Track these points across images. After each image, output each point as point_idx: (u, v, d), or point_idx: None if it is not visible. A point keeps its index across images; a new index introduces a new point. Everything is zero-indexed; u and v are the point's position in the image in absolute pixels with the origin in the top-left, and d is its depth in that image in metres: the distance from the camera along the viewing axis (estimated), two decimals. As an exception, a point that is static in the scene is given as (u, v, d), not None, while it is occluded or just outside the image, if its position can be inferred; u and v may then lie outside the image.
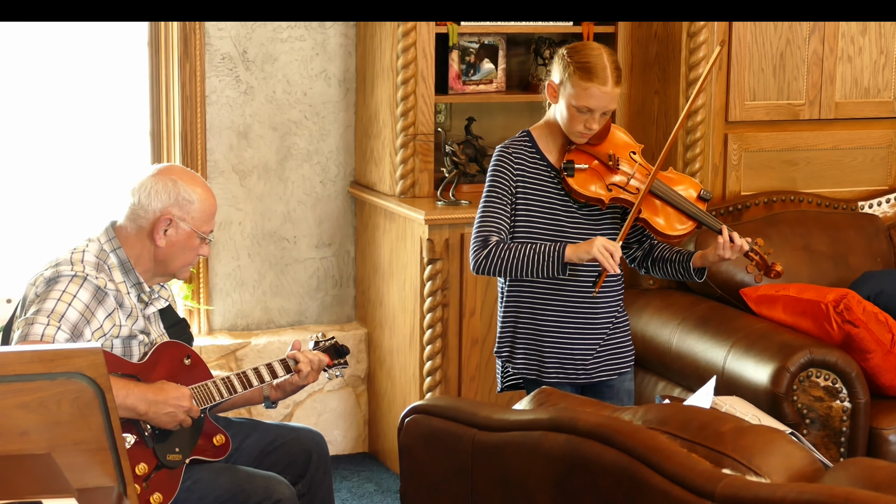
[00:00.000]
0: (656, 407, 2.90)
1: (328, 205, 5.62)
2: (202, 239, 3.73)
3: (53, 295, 3.54)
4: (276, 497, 3.68)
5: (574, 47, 3.92)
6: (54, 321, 3.49)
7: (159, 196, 3.69)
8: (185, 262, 3.74)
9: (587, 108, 3.86)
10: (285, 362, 3.87)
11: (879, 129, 5.43)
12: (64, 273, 3.58)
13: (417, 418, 3.23)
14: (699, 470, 2.55)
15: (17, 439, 2.46)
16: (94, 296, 3.57)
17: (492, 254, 3.89)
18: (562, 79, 3.88)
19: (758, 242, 4.02)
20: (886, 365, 4.52)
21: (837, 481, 2.55)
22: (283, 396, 3.95)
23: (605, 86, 3.83)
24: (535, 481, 2.84)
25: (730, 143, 5.21)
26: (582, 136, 3.92)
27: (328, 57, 5.52)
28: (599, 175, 3.94)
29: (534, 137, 4.00)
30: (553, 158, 3.98)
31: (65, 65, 5.25)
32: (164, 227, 3.67)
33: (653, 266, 4.10)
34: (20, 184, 5.26)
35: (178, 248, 3.70)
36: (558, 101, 3.92)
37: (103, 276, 3.62)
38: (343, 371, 4.06)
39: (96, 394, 2.46)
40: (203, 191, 3.73)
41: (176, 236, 3.69)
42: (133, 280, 3.71)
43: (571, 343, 4.01)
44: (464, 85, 5.39)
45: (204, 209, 3.72)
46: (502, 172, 3.96)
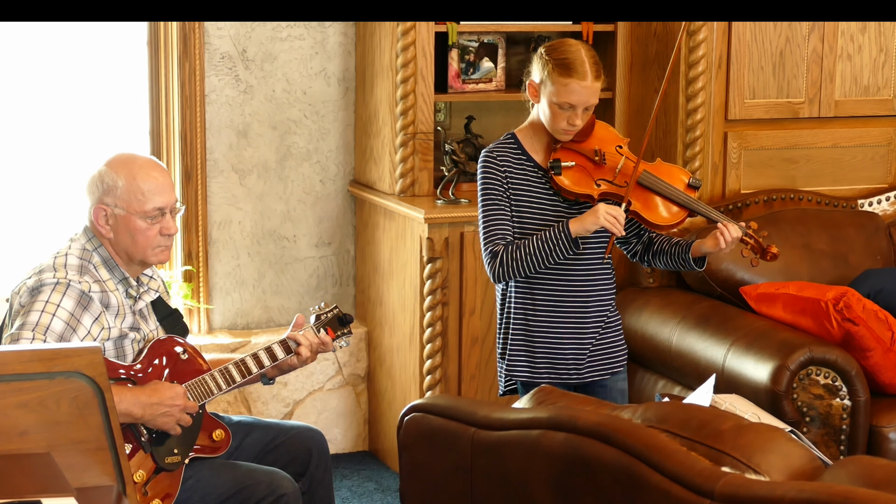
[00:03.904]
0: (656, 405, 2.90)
1: (328, 204, 5.62)
2: (150, 219, 3.65)
3: (37, 306, 3.51)
4: (280, 492, 3.67)
5: (552, 45, 3.93)
6: (39, 334, 3.46)
7: (90, 190, 3.68)
8: (145, 246, 3.66)
9: (569, 105, 3.86)
10: (285, 343, 3.82)
11: (879, 126, 5.43)
12: (46, 281, 3.55)
13: (417, 417, 3.23)
14: (699, 468, 2.55)
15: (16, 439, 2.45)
16: (78, 302, 3.54)
17: (504, 260, 3.90)
18: (542, 77, 3.89)
19: (751, 226, 4.02)
20: (886, 363, 4.52)
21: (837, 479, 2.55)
22: (279, 374, 3.92)
23: (585, 80, 3.84)
24: (535, 480, 2.84)
25: (729, 141, 5.21)
26: (566, 134, 3.93)
27: (328, 56, 5.52)
28: (587, 171, 3.94)
29: (519, 139, 4.00)
30: (539, 158, 3.99)
31: (65, 64, 5.25)
32: (102, 219, 3.65)
33: (654, 259, 4.10)
34: (20, 182, 5.26)
35: (126, 235, 3.64)
36: (540, 101, 3.93)
37: (87, 279, 3.59)
38: (348, 339, 4.00)
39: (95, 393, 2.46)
40: (128, 172, 3.64)
41: (117, 224, 3.65)
42: (119, 276, 3.68)
43: (563, 343, 4.00)
44: (463, 83, 5.39)
45: (131, 189, 3.63)
46: (492, 175, 3.96)
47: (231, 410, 5.37)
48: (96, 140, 5.30)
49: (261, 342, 5.42)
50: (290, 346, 3.82)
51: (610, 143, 4.00)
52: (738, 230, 3.94)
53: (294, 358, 3.83)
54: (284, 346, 3.82)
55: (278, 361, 3.81)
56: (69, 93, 5.27)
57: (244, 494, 3.64)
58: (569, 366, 4.02)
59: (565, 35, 5.45)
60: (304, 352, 3.82)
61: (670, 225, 3.98)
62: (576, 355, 4.02)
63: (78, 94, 5.28)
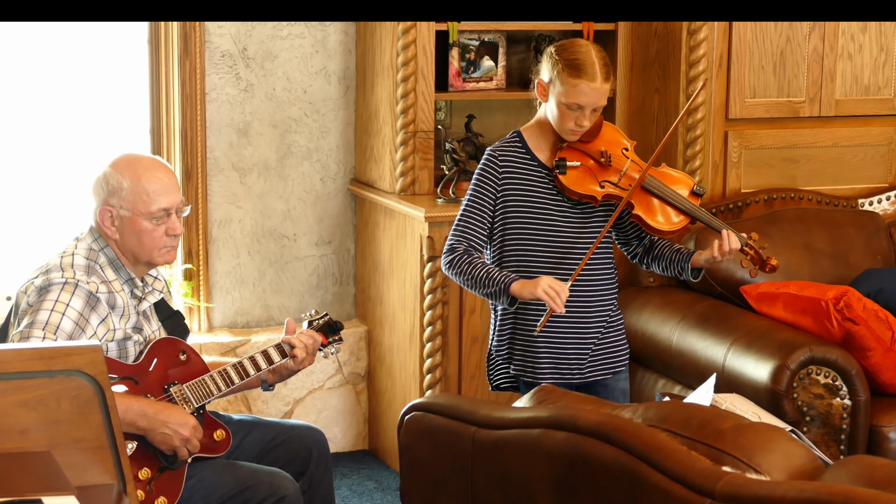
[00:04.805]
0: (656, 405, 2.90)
1: (328, 202, 5.62)
2: (155, 220, 3.66)
3: (46, 305, 3.51)
4: (282, 493, 3.67)
5: (562, 45, 3.93)
6: (49, 333, 3.46)
7: (95, 192, 3.68)
8: (152, 247, 3.66)
9: (577, 105, 3.86)
10: (280, 347, 3.83)
11: (880, 126, 5.43)
12: (55, 281, 3.55)
13: (417, 416, 3.23)
14: (699, 468, 2.55)
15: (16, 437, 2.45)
16: (86, 302, 3.55)
17: (453, 264, 3.94)
18: (551, 77, 3.90)
19: (752, 237, 4.02)
20: (886, 363, 4.52)
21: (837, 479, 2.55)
22: (279, 380, 3.93)
23: (594, 82, 3.84)
24: (535, 479, 2.84)
25: (730, 140, 5.21)
26: (573, 134, 3.93)
27: (328, 54, 5.52)
28: (592, 172, 3.94)
29: (524, 137, 4.01)
30: (544, 157, 3.99)
31: (65, 63, 5.25)
32: (108, 220, 3.66)
33: (652, 262, 4.11)
34: (21, 181, 5.26)
35: (132, 236, 3.65)
36: (548, 100, 3.93)
37: (94, 280, 3.60)
38: (339, 347, 4.02)
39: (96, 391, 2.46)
40: (133, 173, 3.65)
41: (123, 225, 3.65)
42: (125, 276, 3.69)
43: (565, 344, 4.01)
44: (464, 82, 5.38)
45: (137, 191, 3.63)
46: (487, 178, 3.98)
47: (231, 409, 5.37)
48: (97, 139, 5.30)
49: (261, 341, 5.42)
50: (285, 349, 3.84)
51: (616, 145, 4.00)
52: (737, 242, 3.95)
53: (290, 361, 3.84)
54: (279, 349, 3.84)
55: (275, 364, 3.82)
56: (70, 92, 5.26)
57: (246, 495, 3.65)
58: (571, 365, 4.02)
59: (566, 34, 5.45)
60: (300, 353, 3.83)
61: (672, 231, 3.98)
62: (578, 355, 4.03)
63: (78, 93, 5.27)
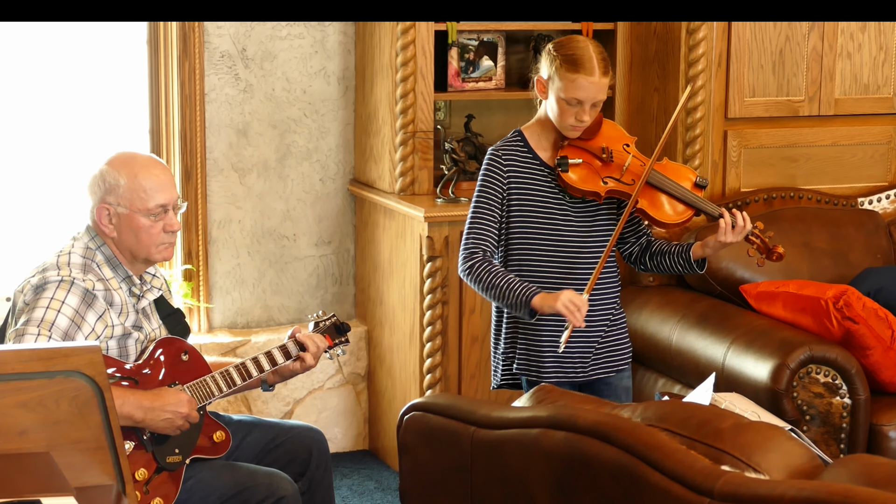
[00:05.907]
0: (656, 404, 2.90)
1: (328, 202, 5.62)
2: (153, 216, 3.66)
3: (42, 303, 3.52)
4: (280, 494, 3.67)
5: (560, 41, 3.94)
6: (45, 330, 3.47)
7: (91, 190, 3.69)
8: (149, 243, 3.67)
9: (576, 100, 3.87)
10: (284, 348, 3.83)
11: (879, 125, 5.43)
12: (51, 279, 3.56)
13: (417, 416, 3.23)
14: (698, 467, 2.55)
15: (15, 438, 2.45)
16: (82, 300, 3.55)
17: (473, 270, 3.92)
18: (550, 73, 3.91)
19: (757, 226, 4.02)
20: (886, 361, 4.52)
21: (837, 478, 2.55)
22: (280, 381, 3.93)
23: (593, 76, 3.85)
24: (535, 479, 2.84)
25: (729, 139, 5.21)
26: (574, 130, 3.93)
27: (327, 55, 5.52)
28: (594, 169, 3.95)
29: (525, 137, 4.01)
30: (546, 156, 3.99)
31: (65, 64, 5.25)
32: (105, 218, 3.66)
33: (651, 261, 4.10)
34: (20, 181, 5.26)
35: (130, 233, 3.65)
36: (548, 97, 3.93)
37: (91, 278, 3.60)
38: (344, 349, 4.02)
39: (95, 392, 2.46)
40: (129, 170, 3.65)
41: (120, 223, 3.66)
42: (122, 274, 3.69)
43: (569, 342, 4.00)
44: (463, 82, 5.38)
45: (133, 187, 3.64)
46: (492, 177, 3.97)
47: (231, 409, 5.37)
48: (96, 139, 5.30)
49: (261, 341, 5.42)
50: (289, 351, 3.84)
51: (617, 141, 4.00)
52: (748, 220, 3.95)
53: (297, 363, 3.84)
54: (283, 350, 3.83)
55: (278, 366, 3.82)
56: (69, 92, 5.26)
57: (244, 496, 3.65)
58: (575, 364, 4.02)
59: (565, 34, 5.43)
60: (310, 360, 3.83)
61: (677, 224, 3.99)
62: (582, 353, 4.03)
63: (78, 93, 5.27)
